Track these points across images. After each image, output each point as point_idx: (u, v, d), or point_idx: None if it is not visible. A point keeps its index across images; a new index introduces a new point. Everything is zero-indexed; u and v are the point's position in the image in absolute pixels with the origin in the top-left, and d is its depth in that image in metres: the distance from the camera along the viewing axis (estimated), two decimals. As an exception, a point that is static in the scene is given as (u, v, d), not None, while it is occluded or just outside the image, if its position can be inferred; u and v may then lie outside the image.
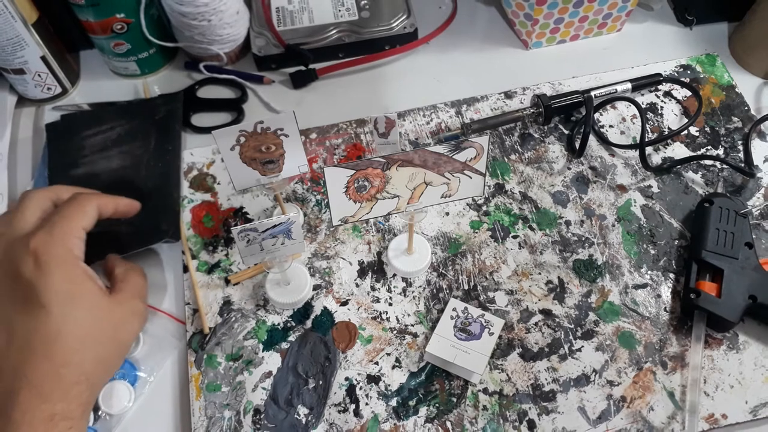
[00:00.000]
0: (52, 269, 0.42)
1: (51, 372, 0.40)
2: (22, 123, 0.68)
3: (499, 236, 0.59)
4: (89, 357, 0.42)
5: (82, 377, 0.42)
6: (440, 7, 0.76)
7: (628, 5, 0.69)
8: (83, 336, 0.42)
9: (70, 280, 0.43)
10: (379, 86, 0.70)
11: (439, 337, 0.52)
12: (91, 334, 0.43)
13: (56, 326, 0.41)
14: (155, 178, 0.61)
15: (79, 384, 0.41)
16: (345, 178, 0.46)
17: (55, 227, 0.44)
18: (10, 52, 0.62)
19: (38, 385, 0.40)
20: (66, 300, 0.42)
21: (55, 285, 0.42)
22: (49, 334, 0.41)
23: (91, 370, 0.42)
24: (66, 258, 0.43)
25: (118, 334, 0.45)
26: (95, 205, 0.47)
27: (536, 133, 0.65)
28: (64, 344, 0.41)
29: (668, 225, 0.59)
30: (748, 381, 0.52)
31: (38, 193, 0.48)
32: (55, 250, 0.43)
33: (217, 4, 0.64)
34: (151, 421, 0.52)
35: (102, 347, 0.44)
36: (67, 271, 0.43)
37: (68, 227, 0.44)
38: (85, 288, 0.43)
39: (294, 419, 0.50)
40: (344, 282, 0.57)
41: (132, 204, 0.53)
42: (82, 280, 0.44)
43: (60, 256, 0.43)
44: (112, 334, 0.45)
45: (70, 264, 0.43)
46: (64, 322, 0.42)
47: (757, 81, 0.69)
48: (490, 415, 0.50)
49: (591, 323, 0.54)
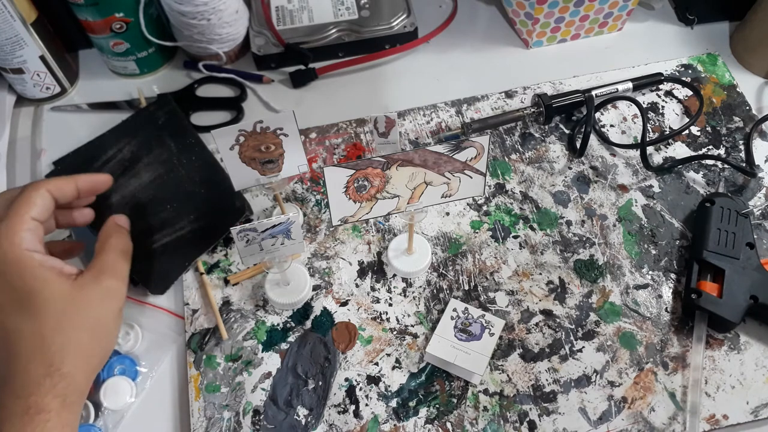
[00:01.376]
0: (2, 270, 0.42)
1: (19, 368, 0.41)
2: (21, 123, 0.68)
3: (499, 236, 0.59)
4: (54, 348, 0.41)
5: (51, 369, 0.41)
6: (440, 6, 0.76)
7: (629, 4, 0.69)
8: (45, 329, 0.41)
9: (21, 277, 0.42)
10: (379, 85, 0.69)
11: (439, 337, 0.52)
12: (54, 324, 0.42)
13: (15, 324, 0.41)
14: (199, 171, 0.60)
15: (50, 376, 0.41)
16: (345, 177, 0.46)
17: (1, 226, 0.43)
18: (8, 52, 0.62)
19: (10, 382, 0.40)
20: (20, 297, 0.42)
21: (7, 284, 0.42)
22: (11, 333, 0.41)
23: (59, 361, 0.41)
24: (13, 256, 0.42)
25: (86, 319, 0.43)
26: (43, 191, 0.45)
27: (537, 133, 0.65)
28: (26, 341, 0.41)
29: (669, 225, 0.59)
30: (749, 381, 0.51)
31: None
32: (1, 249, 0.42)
33: (216, 3, 0.64)
34: (150, 421, 0.51)
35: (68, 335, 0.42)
36: (17, 268, 0.42)
37: (13, 223, 0.43)
38: (39, 280, 0.42)
39: (293, 420, 0.50)
40: (344, 282, 0.56)
41: (96, 177, 0.50)
42: (36, 272, 0.42)
43: (6, 256, 0.42)
44: (80, 320, 0.43)
45: (19, 261, 0.42)
46: (22, 318, 0.41)
47: (759, 80, 0.69)
48: (490, 416, 0.50)
49: (592, 324, 0.54)
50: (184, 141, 0.61)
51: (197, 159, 0.60)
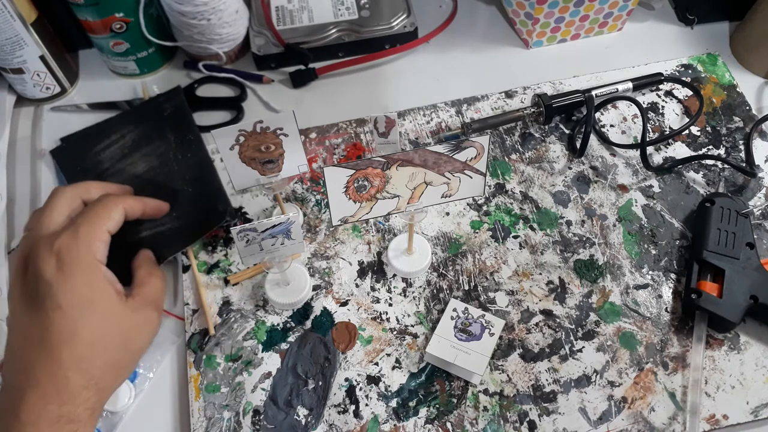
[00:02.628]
0: (72, 271, 0.42)
1: (59, 374, 0.40)
2: (21, 123, 0.68)
3: (499, 236, 0.59)
4: (98, 363, 0.42)
5: (91, 382, 0.41)
6: (440, 6, 0.76)
7: (629, 4, 0.69)
8: (94, 341, 0.42)
9: (89, 284, 0.43)
10: (379, 85, 0.69)
11: (439, 337, 0.52)
12: (103, 339, 0.43)
13: (70, 329, 0.41)
14: (191, 169, 0.60)
15: (87, 389, 0.41)
16: (345, 177, 0.46)
17: (80, 229, 0.44)
18: (8, 52, 0.62)
19: (45, 386, 0.40)
20: (82, 303, 0.42)
21: (74, 288, 0.42)
22: (62, 336, 0.41)
23: (99, 375, 0.42)
24: (87, 261, 0.43)
25: (129, 342, 0.45)
26: (122, 208, 0.48)
27: (537, 133, 0.65)
28: (75, 348, 0.41)
29: (669, 225, 0.59)
30: (749, 381, 0.51)
31: (68, 190, 0.48)
32: (78, 252, 0.43)
33: (216, 3, 0.64)
34: (150, 421, 0.51)
35: (112, 354, 0.43)
36: (87, 274, 0.43)
37: (93, 230, 0.45)
38: (102, 293, 0.43)
39: (293, 420, 0.50)
40: (344, 282, 0.56)
41: (160, 205, 0.53)
42: (101, 284, 0.44)
43: (82, 259, 0.43)
44: (124, 341, 0.44)
45: (91, 268, 0.43)
46: (77, 325, 0.41)
47: (759, 80, 0.69)
48: (490, 416, 0.50)
49: (592, 324, 0.54)
50: (184, 136, 0.61)
51: (192, 156, 0.60)
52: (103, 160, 0.61)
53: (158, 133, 0.62)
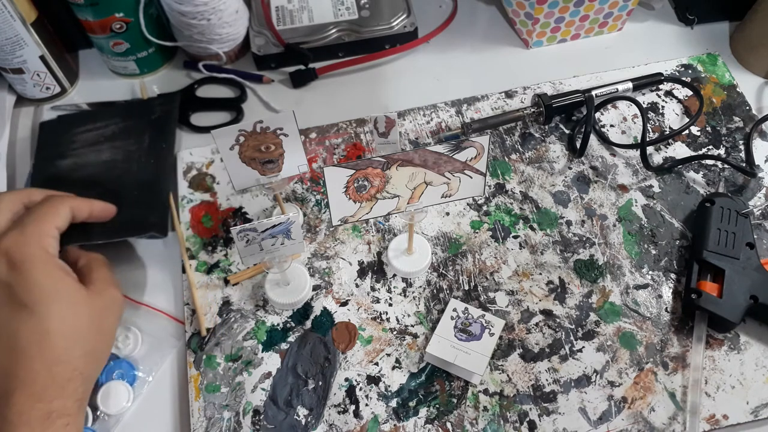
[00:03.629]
0: (28, 268, 0.42)
1: (43, 371, 0.40)
2: (21, 123, 0.68)
3: (499, 236, 0.59)
4: (78, 352, 0.42)
5: (75, 373, 0.41)
6: (440, 6, 0.76)
7: (629, 4, 0.69)
8: (70, 332, 0.42)
9: (48, 277, 0.43)
10: (379, 85, 0.69)
11: (439, 337, 0.52)
12: (77, 329, 0.43)
13: (42, 325, 0.41)
14: (146, 174, 0.60)
15: (73, 380, 0.41)
16: (345, 177, 0.46)
17: (27, 227, 0.44)
18: (8, 52, 0.62)
19: (31, 384, 0.40)
20: (47, 298, 0.42)
21: (34, 283, 0.42)
22: (37, 333, 0.41)
23: (82, 364, 0.42)
24: (41, 256, 0.43)
25: (102, 325, 0.45)
26: (68, 207, 0.47)
27: (537, 133, 0.65)
28: (53, 342, 0.41)
29: (669, 225, 0.59)
30: (749, 381, 0.51)
31: (9, 195, 0.48)
32: (29, 249, 0.43)
33: (216, 3, 0.64)
34: (150, 422, 0.51)
35: (89, 341, 0.43)
36: (44, 268, 0.43)
37: (40, 227, 0.44)
38: (64, 284, 0.43)
39: (293, 420, 0.50)
40: (344, 282, 0.56)
41: (107, 208, 0.53)
42: (60, 276, 0.43)
43: (35, 255, 0.43)
44: (97, 326, 0.44)
45: (46, 261, 0.43)
46: (49, 319, 0.41)
47: (759, 80, 0.69)
48: (490, 416, 0.50)
49: (592, 324, 0.54)
50: (158, 142, 0.62)
51: (155, 163, 0.61)
52: (77, 140, 0.63)
53: (138, 132, 0.63)
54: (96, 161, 0.61)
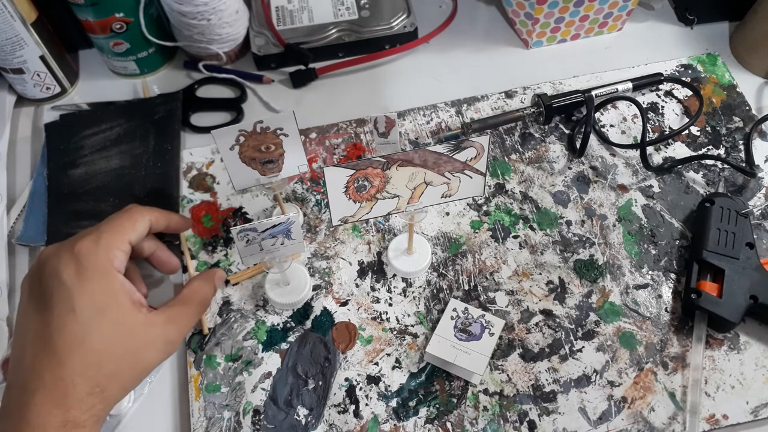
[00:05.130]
0: (89, 276, 0.42)
1: (66, 379, 0.40)
2: (21, 123, 0.68)
3: (499, 236, 0.59)
4: (105, 371, 0.42)
5: (96, 389, 0.41)
6: (440, 6, 0.76)
7: (629, 4, 0.69)
8: (103, 349, 0.42)
9: (104, 291, 0.43)
10: (379, 86, 0.69)
11: (439, 337, 0.52)
12: (112, 348, 0.42)
13: (80, 334, 0.41)
14: (154, 178, 0.61)
15: (93, 395, 0.41)
16: (345, 177, 0.46)
17: (102, 236, 0.44)
18: (9, 52, 0.62)
19: (52, 389, 0.40)
20: (95, 310, 0.42)
21: (89, 293, 0.42)
22: (72, 341, 0.41)
23: (105, 384, 0.41)
24: (105, 268, 0.43)
25: (140, 355, 0.44)
26: (147, 219, 0.48)
27: (537, 133, 0.65)
28: (83, 354, 0.41)
29: (669, 225, 0.59)
30: (749, 381, 0.51)
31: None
32: (97, 258, 0.43)
33: (216, 3, 0.64)
34: (150, 422, 0.51)
35: (119, 364, 0.43)
36: (103, 281, 0.43)
37: (114, 238, 0.45)
38: (116, 301, 0.43)
39: (293, 420, 0.50)
40: (344, 282, 0.56)
41: (184, 220, 0.54)
42: (116, 293, 0.43)
43: (100, 266, 0.43)
44: (134, 354, 0.43)
45: (107, 275, 0.43)
46: (88, 331, 0.41)
47: (758, 80, 0.69)
48: (490, 415, 0.50)
49: (592, 324, 0.54)
50: (163, 144, 0.62)
51: (163, 166, 0.61)
52: (84, 146, 0.63)
53: (142, 133, 0.63)
54: (106, 169, 0.61)
